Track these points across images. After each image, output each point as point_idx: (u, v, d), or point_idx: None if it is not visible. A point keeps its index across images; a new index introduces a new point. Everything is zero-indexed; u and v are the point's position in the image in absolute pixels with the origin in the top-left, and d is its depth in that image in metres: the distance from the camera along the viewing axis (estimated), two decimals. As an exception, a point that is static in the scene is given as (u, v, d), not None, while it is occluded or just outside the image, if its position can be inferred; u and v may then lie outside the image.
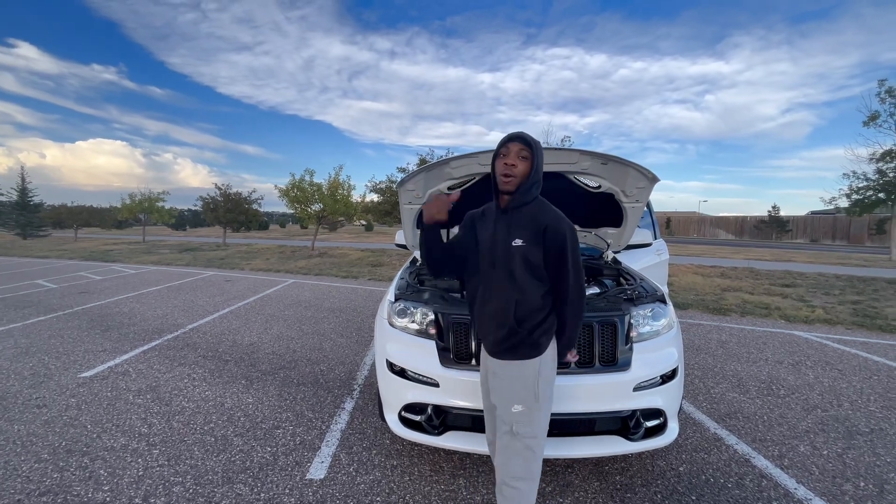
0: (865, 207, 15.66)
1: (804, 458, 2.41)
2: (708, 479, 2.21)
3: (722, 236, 36.07)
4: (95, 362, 4.00)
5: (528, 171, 1.45)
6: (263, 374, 3.69)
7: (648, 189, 2.59)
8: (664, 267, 4.46)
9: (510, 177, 1.44)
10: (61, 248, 19.52)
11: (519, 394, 1.52)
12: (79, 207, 30.97)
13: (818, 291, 7.76)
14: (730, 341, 4.70)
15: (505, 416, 1.53)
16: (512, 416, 1.51)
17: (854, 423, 2.82)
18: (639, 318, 2.20)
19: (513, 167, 1.43)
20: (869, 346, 4.58)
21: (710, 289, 7.94)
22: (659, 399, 2.05)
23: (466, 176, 2.65)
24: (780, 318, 5.78)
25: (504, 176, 1.45)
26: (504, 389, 1.54)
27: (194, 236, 31.40)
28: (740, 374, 3.68)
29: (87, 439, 2.63)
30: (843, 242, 29.14)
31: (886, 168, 14.92)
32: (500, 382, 1.55)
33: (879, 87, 15.07)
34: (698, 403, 3.10)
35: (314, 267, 11.34)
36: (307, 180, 16.20)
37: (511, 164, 1.43)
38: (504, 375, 1.54)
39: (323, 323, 5.47)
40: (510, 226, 1.49)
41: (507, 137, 1.47)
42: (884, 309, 6.26)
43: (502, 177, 1.46)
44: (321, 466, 2.33)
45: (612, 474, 2.25)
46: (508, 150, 1.45)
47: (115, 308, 6.43)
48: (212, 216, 20.25)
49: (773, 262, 13.18)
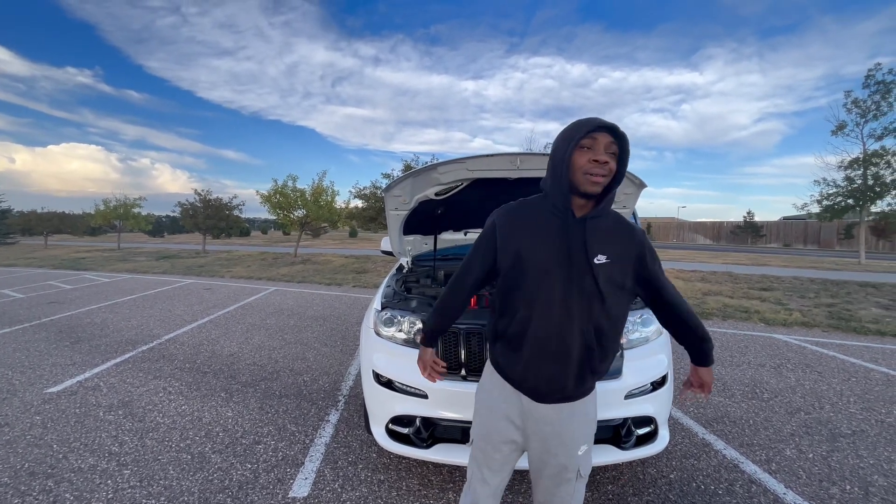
0: (836, 213, 16.29)
1: (791, 462, 2.43)
2: (699, 486, 2.20)
3: (700, 241, 36.98)
4: (63, 377, 3.79)
5: (616, 171, 1.14)
6: (244, 385, 3.56)
7: (636, 195, 2.59)
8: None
9: (602, 176, 1.11)
10: (30, 256, 18.73)
11: (585, 433, 1.28)
12: (49, 213, 29.88)
13: (794, 295, 7.97)
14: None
15: (570, 462, 1.27)
16: (579, 459, 1.28)
17: (836, 426, 2.86)
18: (628, 325, 2.18)
19: (605, 164, 1.10)
20: (845, 348, 4.70)
21: (691, 293, 8.08)
22: (650, 406, 2.03)
23: (454, 181, 2.61)
24: (760, 322, 5.90)
25: (592, 175, 1.10)
26: (567, 434, 1.25)
27: (173, 243, 30.57)
28: (724, 378, 3.72)
29: (52, 460, 2.47)
30: (814, 247, 30.21)
31: (854, 175, 15.57)
32: (560, 428, 1.25)
33: (846, 97, 15.79)
34: (685, 408, 3.10)
35: (297, 274, 11.13)
36: (290, 186, 16.00)
37: (603, 161, 1.10)
38: (564, 419, 1.25)
39: (306, 332, 5.34)
40: (588, 238, 1.15)
41: (596, 124, 1.10)
42: (857, 311, 6.46)
43: (589, 175, 1.10)
44: (305, 483, 2.23)
45: (604, 483, 2.22)
46: (597, 141, 1.10)
47: (87, 319, 6.15)
48: (191, 222, 19.76)
49: (751, 266, 13.53)
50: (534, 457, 1.31)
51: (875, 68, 14.96)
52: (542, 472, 1.31)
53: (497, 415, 1.30)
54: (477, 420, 1.38)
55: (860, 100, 15.41)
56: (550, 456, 1.27)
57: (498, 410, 1.30)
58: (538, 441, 1.28)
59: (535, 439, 1.28)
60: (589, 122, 1.12)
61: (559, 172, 1.14)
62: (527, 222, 1.21)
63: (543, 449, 1.27)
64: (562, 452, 1.26)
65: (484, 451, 1.33)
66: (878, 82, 14.93)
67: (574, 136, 1.11)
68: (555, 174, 1.16)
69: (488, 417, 1.33)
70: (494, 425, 1.31)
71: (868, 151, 15.27)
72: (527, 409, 1.27)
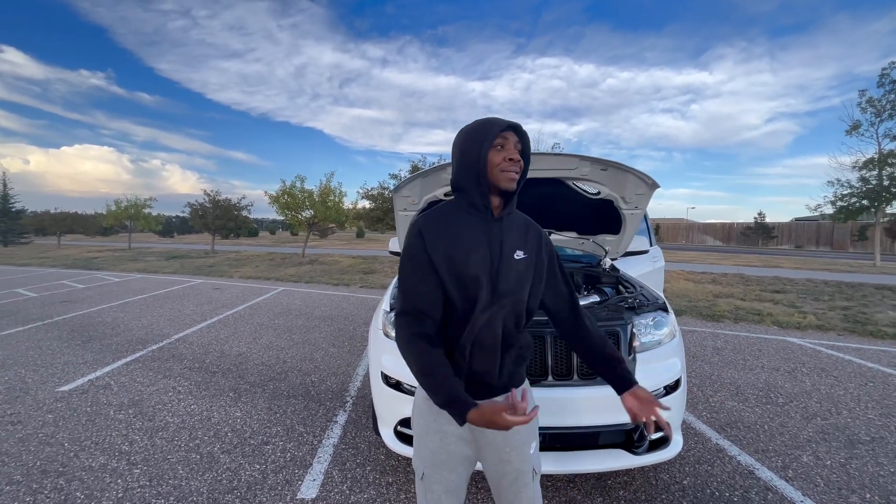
0: (850, 214, 16.01)
1: (808, 468, 2.37)
2: (713, 493, 2.15)
3: (710, 242, 36.55)
4: (75, 375, 3.83)
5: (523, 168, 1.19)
6: (252, 386, 3.56)
7: (648, 196, 2.55)
8: (660, 274, 4.44)
9: (516, 173, 1.15)
10: (43, 256, 19.04)
11: (531, 430, 1.25)
12: (62, 214, 30.38)
13: (808, 297, 7.83)
14: (725, 348, 4.69)
15: (525, 466, 1.23)
16: (532, 459, 1.24)
17: (854, 432, 2.79)
18: (641, 328, 2.15)
19: (517, 162, 1.15)
20: (862, 352, 4.60)
21: (702, 295, 7.97)
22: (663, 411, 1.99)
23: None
24: (773, 325, 5.80)
25: (507, 172, 1.13)
26: (516, 437, 1.21)
27: (182, 243, 30.91)
28: (738, 382, 3.65)
29: (63, 458, 2.48)
30: (827, 248, 29.71)
31: (869, 176, 15.28)
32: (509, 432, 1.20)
33: (860, 97, 15.51)
34: (698, 413, 3.05)
35: (304, 274, 11.18)
36: (298, 187, 16.09)
37: (516, 159, 1.14)
38: None
39: (314, 332, 5.35)
40: (506, 235, 1.19)
41: (504, 124, 1.15)
42: (874, 315, 6.32)
43: (505, 172, 1.14)
44: (313, 485, 2.22)
45: (615, 489, 2.18)
46: (507, 140, 1.15)
47: (98, 318, 6.23)
48: (200, 223, 19.96)
49: (762, 268, 13.33)
50: (489, 468, 1.26)
51: (890, 66, 14.68)
52: (500, 483, 1.25)
53: (449, 437, 1.19)
54: (425, 450, 1.22)
55: (875, 99, 15.13)
56: (505, 464, 1.22)
57: (448, 432, 1.19)
58: (491, 451, 1.22)
59: (488, 450, 1.22)
60: (498, 122, 1.15)
61: (475, 172, 1.15)
62: (452, 226, 1.17)
63: (497, 458, 1.22)
64: (515, 457, 1.22)
65: (440, 478, 1.22)
66: (893, 81, 14.65)
67: (488, 136, 1.14)
68: (470, 174, 1.16)
69: (440, 442, 1.19)
70: (447, 448, 1.20)
71: (884, 151, 14.98)
72: None
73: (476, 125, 1.17)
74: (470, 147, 1.15)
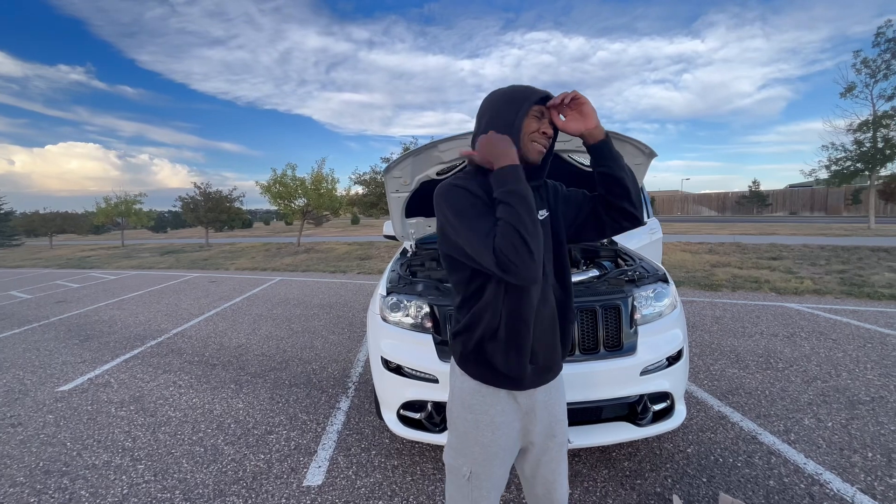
0: (844, 178, 16.00)
1: (810, 431, 2.39)
2: (717, 459, 2.16)
3: (705, 213, 36.59)
4: (74, 374, 3.80)
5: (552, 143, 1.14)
6: (253, 376, 3.55)
7: (645, 165, 2.49)
8: (658, 246, 4.40)
9: (545, 147, 1.10)
10: (36, 257, 18.85)
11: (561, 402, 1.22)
12: (52, 214, 29.97)
13: (804, 263, 7.86)
14: (724, 317, 4.70)
15: (564, 435, 1.21)
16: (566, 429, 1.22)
17: (854, 393, 2.81)
18: (642, 300, 2.12)
19: (549, 137, 1.10)
20: (859, 314, 4.63)
21: (699, 265, 7.99)
22: (666, 382, 1.99)
23: (456, 160, 2.52)
24: (771, 291, 5.82)
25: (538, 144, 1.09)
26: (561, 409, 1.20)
27: (176, 238, 30.63)
28: (738, 350, 3.67)
29: (66, 458, 2.47)
30: (822, 214, 29.82)
31: (864, 138, 15.20)
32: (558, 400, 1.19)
33: (855, 58, 15.28)
34: (699, 382, 3.06)
35: (301, 263, 11.11)
36: (289, 175, 15.87)
37: (550, 133, 1.10)
38: (558, 390, 1.20)
39: (313, 320, 5.33)
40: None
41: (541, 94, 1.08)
42: (870, 277, 6.36)
43: (537, 145, 1.08)
44: (318, 472, 2.22)
45: (620, 460, 2.19)
46: (544, 112, 1.09)
47: (95, 316, 6.17)
48: (192, 216, 19.76)
49: (758, 236, 13.37)
50: (536, 448, 1.18)
51: (885, 25, 14.42)
52: (541, 460, 1.18)
53: (502, 429, 1.11)
54: (475, 446, 1.11)
55: (870, 59, 14.92)
56: (549, 438, 1.17)
57: (501, 423, 1.11)
58: (540, 431, 1.15)
59: (537, 431, 1.15)
60: (535, 90, 1.08)
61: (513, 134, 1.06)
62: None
63: (545, 436, 1.16)
64: (559, 430, 1.18)
65: (490, 474, 1.12)
66: (888, 40, 14.42)
67: (528, 101, 1.06)
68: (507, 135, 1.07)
69: (492, 436, 1.10)
70: (499, 441, 1.11)
71: (878, 113, 14.86)
72: (524, 405, 1.13)
73: (515, 89, 1.10)
74: (506, 110, 1.08)
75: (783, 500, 1.87)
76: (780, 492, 1.92)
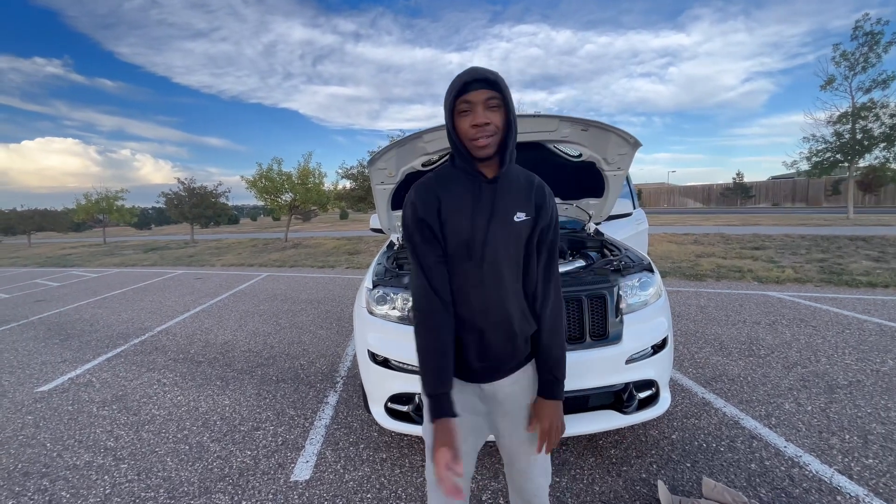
0: (825, 169, 16.35)
1: (790, 415, 2.44)
2: (700, 445, 2.20)
3: (691, 205, 37.12)
4: (54, 374, 3.71)
5: (505, 121, 1.02)
6: (240, 373, 3.50)
7: (630, 155, 2.50)
8: (644, 236, 4.45)
9: (487, 137, 1.00)
10: (13, 256, 18.33)
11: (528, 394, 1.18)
12: (30, 211, 29.14)
13: (786, 252, 8.03)
14: (708, 306, 4.78)
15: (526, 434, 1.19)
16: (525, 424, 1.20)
17: (833, 378, 2.88)
18: (627, 289, 2.13)
19: (486, 126, 0.99)
20: (838, 301, 4.74)
21: (685, 256, 8.10)
22: (651, 370, 2.01)
23: (442, 150, 2.50)
24: (754, 280, 5.94)
25: (476, 140, 1.00)
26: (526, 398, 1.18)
27: (160, 235, 30.06)
28: (721, 337, 3.73)
29: (46, 459, 2.41)
30: (803, 204, 30.46)
31: (843, 130, 15.53)
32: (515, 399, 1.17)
33: (834, 51, 15.56)
34: (684, 370, 3.11)
35: (288, 259, 11.00)
36: (275, 170, 15.64)
37: (483, 123, 0.99)
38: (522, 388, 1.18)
39: (301, 315, 5.28)
40: (501, 198, 1.08)
41: (462, 81, 0.99)
42: (848, 265, 6.52)
43: (474, 141, 1.01)
44: (306, 466, 2.20)
45: (607, 448, 2.22)
46: (472, 102, 0.99)
47: (76, 315, 6.03)
48: (176, 212, 19.40)
49: (741, 227, 13.61)
50: (505, 438, 1.20)
51: (863, 18, 14.72)
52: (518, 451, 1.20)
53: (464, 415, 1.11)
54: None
55: (848, 52, 15.21)
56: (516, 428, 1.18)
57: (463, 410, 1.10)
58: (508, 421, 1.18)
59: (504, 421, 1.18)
60: (458, 79, 1.00)
61: (452, 140, 1.05)
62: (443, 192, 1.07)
63: (513, 428, 1.18)
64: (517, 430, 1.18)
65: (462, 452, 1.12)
66: (866, 33, 14.70)
67: (448, 101, 1.02)
68: (451, 142, 1.06)
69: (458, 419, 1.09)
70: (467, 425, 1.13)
71: (857, 105, 15.18)
72: (488, 392, 1.16)
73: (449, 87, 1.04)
74: (445, 115, 1.06)
75: (764, 482, 1.91)
76: (762, 474, 1.96)
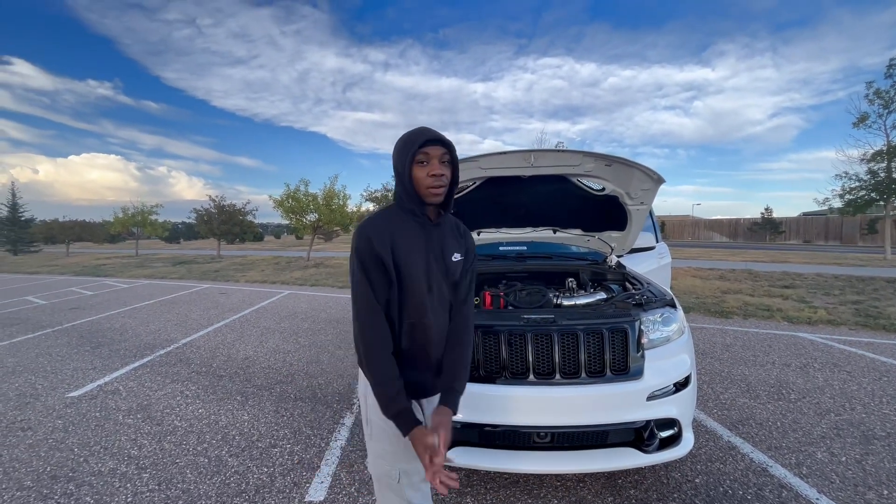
0: (859, 207, 15.81)
1: (822, 465, 2.33)
2: (726, 491, 2.12)
3: (716, 239, 36.24)
4: (84, 381, 3.86)
5: (453, 176, 1.23)
6: (259, 389, 3.57)
7: (654, 191, 2.53)
8: (667, 270, 4.39)
9: (440, 187, 1.19)
10: (52, 264, 19.25)
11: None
12: (70, 222, 30.66)
13: (818, 292, 7.73)
14: (734, 344, 4.63)
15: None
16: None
17: (869, 427, 2.74)
18: (649, 324, 2.12)
19: (441, 177, 1.18)
20: (875, 346, 4.52)
21: (709, 291, 7.90)
22: (673, 408, 1.96)
23: (467, 180, 2.58)
24: (783, 320, 5.72)
25: (432, 188, 1.18)
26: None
27: (188, 249, 31.13)
28: (749, 379, 3.60)
29: (73, 464, 2.50)
30: (836, 243, 29.34)
31: (877, 168, 15.08)
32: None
33: (867, 88, 15.32)
34: (709, 410, 3.01)
35: (310, 277, 11.21)
36: (302, 190, 16.15)
37: (439, 174, 1.17)
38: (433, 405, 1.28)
39: (320, 335, 5.35)
40: (442, 239, 1.27)
41: (423, 138, 1.16)
42: (886, 308, 6.23)
43: (430, 189, 1.18)
44: (321, 487, 2.21)
45: (626, 488, 2.15)
46: (429, 155, 1.17)
47: (107, 324, 6.27)
48: (206, 228, 20.10)
49: (770, 264, 13.19)
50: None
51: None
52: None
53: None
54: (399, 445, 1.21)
55: (882, 90, 14.94)
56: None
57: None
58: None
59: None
60: (420, 134, 1.17)
61: (406, 185, 1.19)
62: (396, 230, 1.21)
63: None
64: None
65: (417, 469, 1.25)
66: (901, 72, 14.44)
67: (408, 152, 1.17)
68: (404, 187, 1.20)
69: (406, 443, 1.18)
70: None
71: (892, 143, 14.78)
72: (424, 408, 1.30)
73: (402, 140, 1.20)
74: (397, 162, 1.20)
75: (794, 535, 1.82)
76: (792, 527, 1.87)
